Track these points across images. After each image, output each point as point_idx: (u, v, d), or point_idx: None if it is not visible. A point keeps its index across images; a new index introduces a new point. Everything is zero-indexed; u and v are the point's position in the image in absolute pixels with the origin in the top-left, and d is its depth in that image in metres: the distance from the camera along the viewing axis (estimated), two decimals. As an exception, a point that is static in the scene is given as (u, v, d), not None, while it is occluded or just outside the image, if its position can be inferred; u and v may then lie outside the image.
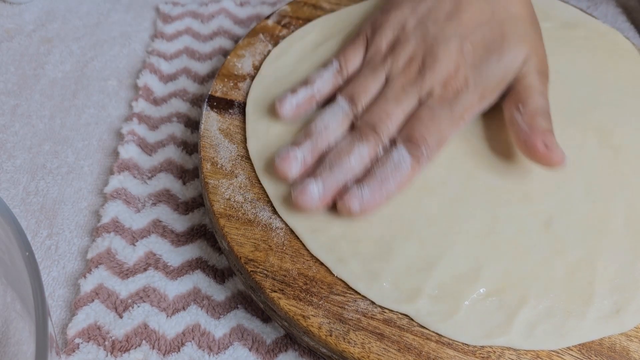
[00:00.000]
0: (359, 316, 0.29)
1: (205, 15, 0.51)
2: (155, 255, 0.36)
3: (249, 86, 0.40)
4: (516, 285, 0.30)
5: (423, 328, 0.29)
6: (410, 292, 0.29)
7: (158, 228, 0.37)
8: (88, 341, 0.32)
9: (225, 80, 0.40)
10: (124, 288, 0.34)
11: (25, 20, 0.51)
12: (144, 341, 0.32)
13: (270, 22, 0.44)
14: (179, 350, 0.32)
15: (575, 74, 0.40)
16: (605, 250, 0.32)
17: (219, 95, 0.39)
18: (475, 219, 0.32)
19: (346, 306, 0.29)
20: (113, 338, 0.32)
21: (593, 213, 0.33)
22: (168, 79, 0.46)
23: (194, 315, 0.33)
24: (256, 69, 0.41)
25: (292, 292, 0.30)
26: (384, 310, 0.29)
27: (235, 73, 0.41)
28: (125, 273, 0.35)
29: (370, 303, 0.29)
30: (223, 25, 0.51)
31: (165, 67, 0.47)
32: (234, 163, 0.35)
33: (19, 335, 0.31)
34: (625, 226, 0.33)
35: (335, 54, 0.39)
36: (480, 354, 0.28)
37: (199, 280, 0.35)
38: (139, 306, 0.33)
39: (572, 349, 0.28)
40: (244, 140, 0.36)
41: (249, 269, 0.30)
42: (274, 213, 0.33)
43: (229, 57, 0.42)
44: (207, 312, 0.33)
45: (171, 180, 0.39)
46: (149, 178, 0.40)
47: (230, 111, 0.38)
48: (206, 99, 0.39)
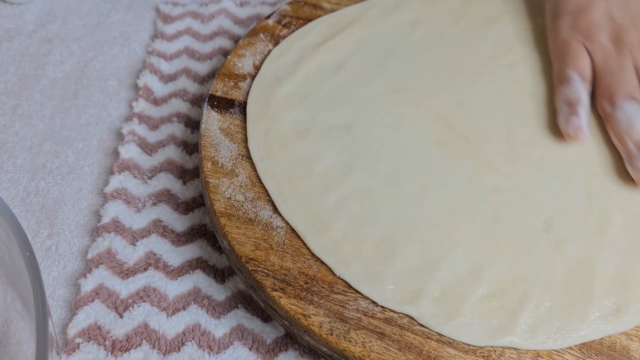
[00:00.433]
0: (360, 315, 0.29)
1: (205, 15, 0.51)
2: (155, 255, 0.36)
3: (250, 86, 0.40)
4: (517, 285, 0.30)
5: (423, 327, 0.29)
6: (413, 294, 0.29)
7: (158, 228, 0.37)
8: (88, 341, 0.32)
9: (226, 79, 0.40)
10: (124, 288, 0.34)
11: (26, 20, 0.51)
12: (144, 341, 0.32)
13: (270, 22, 0.44)
14: (179, 350, 0.32)
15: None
16: (605, 249, 0.32)
17: (220, 94, 0.39)
18: (476, 219, 0.32)
19: (347, 305, 0.29)
20: (113, 338, 0.32)
21: (592, 213, 0.33)
22: (168, 79, 0.46)
23: (194, 315, 0.33)
24: (257, 69, 0.41)
25: (293, 291, 0.30)
26: (384, 310, 0.29)
27: (236, 73, 0.41)
28: (125, 273, 0.35)
29: (371, 302, 0.29)
30: (223, 25, 0.51)
31: (166, 67, 0.47)
32: (234, 162, 0.35)
33: (20, 335, 0.31)
34: (625, 226, 0.33)
35: (563, 68, 0.38)
36: (481, 352, 0.28)
37: (199, 280, 0.35)
38: (139, 306, 0.33)
39: (573, 348, 0.28)
40: (244, 140, 0.36)
41: (250, 268, 0.30)
42: (274, 212, 0.33)
43: (229, 57, 0.42)
44: (208, 312, 0.33)
45: (171, 180, 0.39)
46: (149, 178, 0.40)
47: (231, 110, 0.38)
48: (207, 99, 0.39)
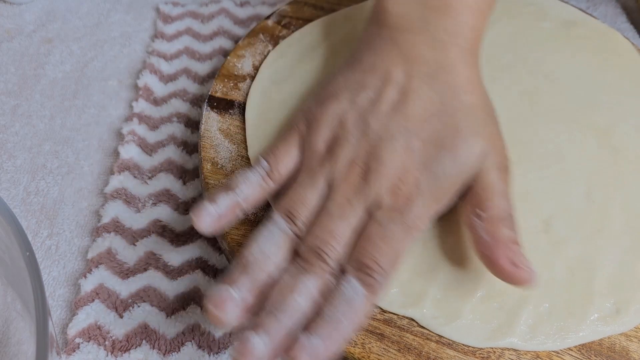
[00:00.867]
0: (359, 316, 0.29)
1: (205, 15, 0.51)
2: (155, 255, 0.36)
3: (249, 86, 0.40)
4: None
5: (423, 328, 0.29)
6: (415, 296, 0.29)
7: (158, 228, 0.37)
8: (88, 341, 0.32)
9: (226, 80, 0.40)
10: (124, 288, 0.34)
11: (26, 20, 0.51)
12: (144, 341, 0.32)
13: (270, 22, 0.44)
14: (179, 350, 0.32)
15: (574, 73, 0.40)
16: (604, 250, 0.32)
17: (219, 95, 0.39)
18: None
19: (346, 306, 0.29)
20: (113, 338, 0.32)
21: (592, 213, 0.33)
22: (168, 79, 0.46)
23: (194, 315, 0.33)
24: (256, 69, 0.41)
25: (292, 292, 0.30)
26: (384, 311, 0.29)
27: (236, 73, 0.41)
28: (125, 273, 0.35)
29: (370, 303, 0.29)
30: (223, 25, 0.51)
31: (166, 67, 0.47)
32: (234, 163, 0.35)
33: (20, 335, 0.31)
34: (625, 226, 0.33)
35: (263, 152, 0.32)
36: (480, 354, 0.28)
37: (199, 280, 0.35)
38: (139, 306, 0.33)
39: (572, 349, 0.28)
40: (244, 141, 0.36)
41: (249, 269, 0.30)
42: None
43: (229, 58, 0.42)
44: (208, 312, 0.33)
45: (171, 180, 0.39)
46: (149, 178, 0.40)
47: (231, 111, 0.38)
48: (206, 99, 0.39)
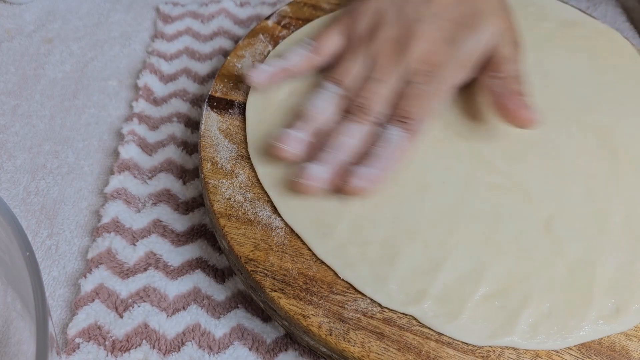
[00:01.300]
0: (359, 315, 0.29)
1: (205, 15, 0.51)
2: (155, 255, 0.36)
3: (249, 86, 0.40)
4: (518, 285, 0.30)
5: (423, 327, 0.29)
6: (416, 294, 0.29)
7: (158, 228, 0.37)
8: (88, 341, 0.32)
9: (226, 80, 0.40)
10: (124, 288, 0.34)
11: (26, 20, 0.51)
12: (144, 341, 0.32)
13: (270, 23, 0.44)
14: (179, 350, 0.32)
15: (574, 73, 0.40)
16: (605, 250, 0.32)
17: (219, 95, 0.39)
18: (477, 219, 0.32)
19: (346, 305, 0.29)
20: (113, 338, 0.32)
21: (593, 213, 0.33)
22: (168, 79, 0.46)
23: (194, 315, 0.33)
24: (256, 69, 0.41)
25: (292, 292, 0.30)
26: (383, 310, 0.29)
27: (236, 73, 0.41)
28: (125, 273, 0.35)
29: (370, 302, 0.29)
30: (223, 25, 0.51)
31: (166, 67, 0.47)
32: (234, 163, 0.35)
33: (20, 335, 0.31)
34: (625, 226, 0.33)
35: (309, 37, 0.39)
36: (480, 353, 0.28)
37: (199, 280, 0.35)
38: (139, 306, 0.33)
39: (572, 348, 0.28)
40: (244, 140, 0.36)
41: (249, 269, 0.30)
42: (274, 212, 0.33)
43: (229, 58, 0.42)
44: (207, 312, 0.33)
45: (171, 180, 0.39)
46: (149, 178, 0.40)
47: (231, 111, 0.38)
48: (206, 99, 0.39)
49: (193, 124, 0.43)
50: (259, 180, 0.34)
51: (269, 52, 0.42)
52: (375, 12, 0.38)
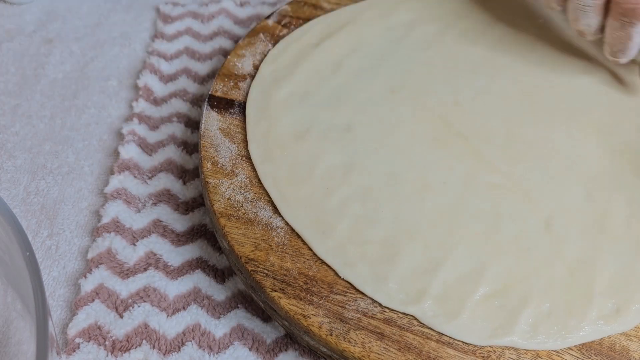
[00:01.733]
0: (360, 315, 0.29)
1: (205, 15, 0.51)
2: (155, 255, 0.36)
3: (249, 86, 0.40)
4: (518, 285, 0.30)
5: (423, 327, 0.29)
6: (416, 294, 0.29)
7: (158, 228, 0.37)
8: (88, 341, 0.32)
9: (226, 79, 0.40)
10: (124, 288, 0.34)
11: (26, 20, 0.51)
12: (144, 341, 0.32)
13: (270, 22, 0.44)
14: (179, 350, 0.32)
15: (574, 73, 0.40)
16: (605, 250, 0.32)
17: (220, 94, 0.39)
18: (477, 219, 0.32)
19: (346, 305, 0.29)
20: (113, 338, 0.32)
21: (593, 213, 0.33)
22: (168, 79, 0.46)
23: (194, 315, 0.33)
24: (256, 69, 0.41)
25: (293, 292, 0.30)
26: (384, 310, 0.29)
27: (236, 73, 0.41)
28: (125, 273, 0.35)
29: (371, 302, 0.29)
30: (223, 25, 0.51)
31: (166, 67, 0.47)
32: (234, 162, 0.35)
33: (20, 335, 0.31)
34: (625, 226, 0.33)
35: None
36: (481, 353, 0.28)
37: (199, 280, 0.35)
38: (139, 306, 0.33)
39: (572, 349, 0.28)
40: (244, 140, 0.36)
41: (250, 269, 0.30)
42: (274, 212, 0.33)
43: (229, 57, 0.42)
44: (208, 312, 0.33)
45: (171, 180, 0.39)
46: (149, 178, 0.40)
47: (231, 111, 0.38)
48: (207, 99, 0.39)
49: (193, 124, 0.43)
50: (259, 179, 0.34)
51: (269, 52, 0.42)
52: None
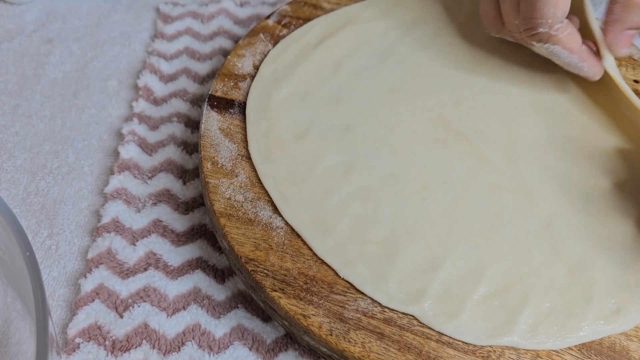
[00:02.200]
0: (360, 315, 0.29)
1: (205, 15, 0.51)
2: (155, 255, 0.36)
3: (250, 86, 0.40)
4: (518, 285, 0.30)
5: (423, 327, 0.29)
6: (416, 293, 0.29)
7: (158, 228, 0.37)
8: (88, 341, 0.32)
9: (226, 79, 0.40)
10: (124, 288, 0.34)
11: (26, 20, 0.51)
12: (144, 341, 0.32)
13: (270, 22, 0.44)
14: (179, 350, 0.32)
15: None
16: (605, 250, 0.32)
17: (220, 94, 0.39)
18: (476, 218, 0.32)
19: (346, 305, 0.29)
20: (113, 338, 0.32)
21: (593, 213, 0.33)
22: (168, 79, 0.46)
23: (194, 315, 0.33)
24: (256, 69, 0.41)
25: (293, 292, 0.30)
26: (384, 310, 0.29)
27: (236, 73, 0.41)
28: (125, 273, 0.35)
29: (371, 302, 0.29)
30: (223, 25, 0.51)
31: (166, 67, 0.47)
32: (234, 162, 0.35)
33: (20, 335, 0.31)
34: (624, 226, 0.33)
35: None
36: (481, 353, 0.28)
37: (199, 280, 0.35)
38: (139, 306, 0.33)
39: (572, 349, 0.28)
40: (244, 140, 0.36)
41: (250, 269, 0.30)
42: (274, 212, 0.33)
43: (229, 57, 0.42)
44: (208, 312, 0.33)
45: (171, 180, 0.39)
46: (149, 178, 0.40)
47: (231, 111, 0.38)
48: (207, 99, 0.39)
49: (193, 124, 0.43)
50: (259, 179, 0.34)
51: (269, 52, 0.42)
52: None
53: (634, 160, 0.35)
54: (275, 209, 0.33)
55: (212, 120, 0.38)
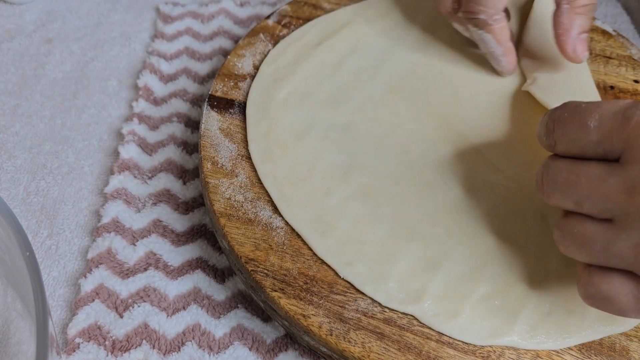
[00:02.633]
0: (359, 315, 0.29)
1: (205, 15, 0.51)
2: (155, 255, 0.36)
3: (250, 86, 0.40)
4: (518, 285, 0.30)
5: (423, 327, 0.29)
6: (416, 293, 0.29)
7: (158, 228, 0.37)
8: (88, 341, 0.32)
9: (226, 79, 0.40)
10: (124, 288, 0.34)
11: (26, 20, 0.51)
12: (144, 341, 0.32)
13: (270, 22, 0.44)
14: (179, 350, 0.32)
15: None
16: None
17: (220, 94, 0.39)
18: (476, 218, 0.32)
19: (346, 305, 0.29)
20: (113, 338, 0.32)
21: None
22: (168, 79, 0.46)
23: (194, 315, 0.33)
24: (256, 69, 0.41)
25: (293, 292, 0.30)
26: (384, 310, 0.29)
27: (236, 73, 0.41)
28: (125, 273, 0.35)
29: (371, 302, 0.29)
30: (223, 25, 0.51)
31: (166, 67, 0.47)
32: (234, 162, 0.35)
33: (20, 335, 0.31)
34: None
35: None
36: (481, 353, 0.28)
37: (199, 280, 0.35)
38: (139, 306, 0.33)
39: (572, 349, 0.28)
40: (244, 140, 0.36)
41: (250, 269, 0.30)
42: (274, 212, 0.33)
43: (229, 57, 0.42)
44: (208, 312, 0.33)
45: (171, 180, 0.39)
46: (149, 178, 0.40)
47: (231, 111, 0.38)
48: (207, 99, 0.39)
49: (193, 124, 0.43)
50: (259, 179, 0.34)
51: (269, 52, 0.42)
52: None
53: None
54: (275, 209, 0.33)
55: (212, 120, 0.38)
